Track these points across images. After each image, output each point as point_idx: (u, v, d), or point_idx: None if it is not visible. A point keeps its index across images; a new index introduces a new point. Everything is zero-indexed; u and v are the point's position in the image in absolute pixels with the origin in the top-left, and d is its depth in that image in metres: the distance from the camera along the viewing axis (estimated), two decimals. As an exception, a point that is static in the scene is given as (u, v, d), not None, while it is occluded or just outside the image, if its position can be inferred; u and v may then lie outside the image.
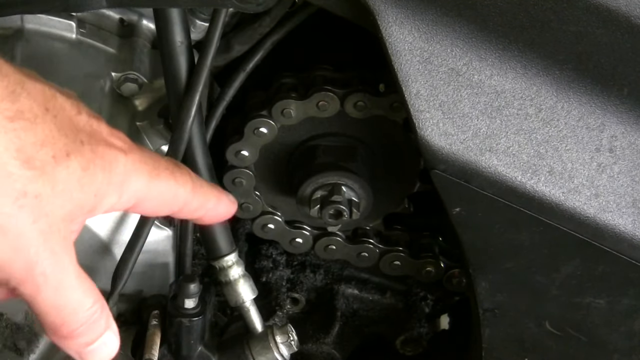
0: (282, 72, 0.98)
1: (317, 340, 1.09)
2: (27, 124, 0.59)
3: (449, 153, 0.77)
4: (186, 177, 0.72)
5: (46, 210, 0.61)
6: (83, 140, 0.64)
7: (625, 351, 0.89)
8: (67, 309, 0.64)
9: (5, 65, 0.60)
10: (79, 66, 0.93)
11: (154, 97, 0.96)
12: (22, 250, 0.60)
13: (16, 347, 0.84)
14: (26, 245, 0.60)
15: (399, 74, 0.75)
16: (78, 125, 0.64)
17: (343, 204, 0.92)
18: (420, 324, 1.08)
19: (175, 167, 0.72)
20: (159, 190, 0.70)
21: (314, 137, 0.97)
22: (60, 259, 0.63)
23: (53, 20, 0.92)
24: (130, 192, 0.67)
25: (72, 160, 0.62)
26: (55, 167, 0.61)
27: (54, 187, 0.61)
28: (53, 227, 0.62)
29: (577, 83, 0.76)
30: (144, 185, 0.68)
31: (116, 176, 0.65)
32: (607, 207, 0.78)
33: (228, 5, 0.78)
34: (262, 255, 1.08)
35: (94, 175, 0.63)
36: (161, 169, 0.70)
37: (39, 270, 0.61)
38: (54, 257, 0.62)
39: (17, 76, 0.60)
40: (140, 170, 0.67)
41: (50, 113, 0.62)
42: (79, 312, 0.65)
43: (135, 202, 0.68)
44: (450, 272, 1.02)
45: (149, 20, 0.95)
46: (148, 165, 0.68)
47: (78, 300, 0.65)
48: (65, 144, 0.62)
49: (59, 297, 0.63)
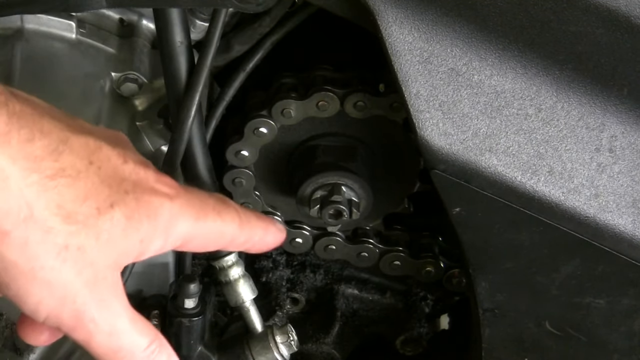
0: (282, 72, 0.98)
1: (317, 340, 1.09)
2: (68, 180, 0.61)
3: (448, 153, 0.77)
4: (233, 215, 0.74)
5: (90, 261, 0.63)
6: (127, 190, 0.66)
7: (625, 351, 0.89)
8: (123, 351, 0.67)
9: (48, 123, 0.62)
10: (78, 66, 0.93)
11: (153, 97, 0.96)
12: (69, 300, 0.63)
13: (16, 347, 0.84)
14: (72, 295, 0.63)
15: (399, 74, 0.75)
16: (123, 175, 0.66)
17: (343, 204, 0.92)
18: (420, 324, 1.08)
19: (223, 206, 0.74)
20: (206, 230, 0.72)
21: (314, 137, 0.97)
22: (109, 305, 0.65)
23: (53, 20, 0.92)
24: (177, 235, 0.69)
25: (116, 210, 0.64)
26: (99, 219, 0.63)
27: (98, 238, 0.63)
28: (99, 276, 0.64)
29: (577, 83, 0.76)
30: (190, 227, 0.70)
31: (162, 222, 0.67)
32: (607, 207, 0.78)
33: (228, 5, 0.78)
34: (262, 255, 1.08)
35: (139, 223, 0.66)
36: (208, 209, 0.72)
37: (88, 318, 0.64)
38: (102, 304, 0.65)
39: (60, 134, 0.62)
40: (187, 214, 0.70)
41: (94, 165, 0.64)
42: (136, 353, 0.68)
43: (181, 243, 0.71)
44: (450, 272, 1.02)
45: (149, 20, 0.95)
46: (194, 207, 0.70)
47: (133, 342, 0.67)
48: (109, 195, 0.64)
49: (113, 341, 0.66)
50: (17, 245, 0.60)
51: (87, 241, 0.62)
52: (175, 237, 0.69)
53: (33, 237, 0.60)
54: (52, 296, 0.62)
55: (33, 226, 0.60)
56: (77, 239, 0.62)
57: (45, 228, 0.60)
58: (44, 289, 0.62)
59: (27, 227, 0.60)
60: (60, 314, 0.63)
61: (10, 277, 0.61)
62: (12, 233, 0.59)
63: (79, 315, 0.64)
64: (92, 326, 0.65)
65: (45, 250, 0.61)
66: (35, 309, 0.63)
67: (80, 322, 0.64)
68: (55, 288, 0.62)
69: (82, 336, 0.65)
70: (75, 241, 0.62)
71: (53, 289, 0.62)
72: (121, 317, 0.66)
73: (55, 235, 0.61)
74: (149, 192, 0.67)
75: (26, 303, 0.63)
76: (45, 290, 0.62)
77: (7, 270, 0.61)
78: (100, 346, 0.66)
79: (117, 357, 0.67)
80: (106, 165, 0.65)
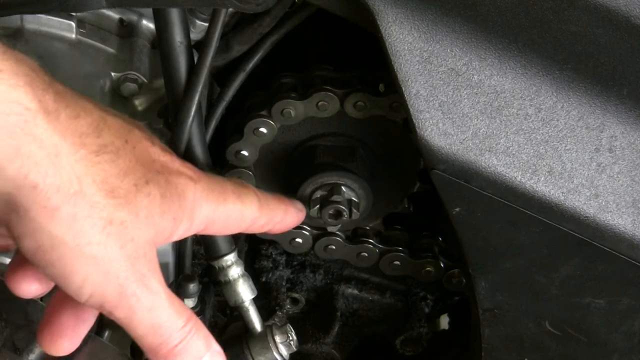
0: (282, 72, 0.98)
1: (317, 340, 1.09)
2: (110, 156, 0.63)
3: (448, 153, 0.77)
4: (252, 197, 0.77)
5: (132, 236, 0.64)
6: (158, 170, 0.68)
7: (625, 351, 0.89)
8: (162, 328, 0.68)
9: (88, 103, 0.64)
10: (78, 66, 0.93)
11: (153, 97, 0.96)
12: (113, 275, 0.64)
13: (15, 347, 0.84)
14: (116, 270, 0.64)
15: (399, 74, 0.75)
16: (153, 156, 0.69)
17: (343, 204, 0.92)
18: (420, 324, 1.08)
19: (242, 189, 0.76)
20: (227, 213, 0.74)
21: (314, 137, 0.97)
22: (149, 281, 0.66)
23: (53, 20, 0.92)
24: (201, 217, 0.72)
25: (152, 187, 0.66)
26: (137, 195, 0.65)
27: (138, 213, 0.64)
28: (139, 252, 0.65)
29: (577, 83, 0.76)
30: (212, 210, 0.72)
31: (188, 203, 0.70)
32: (607, 207, 0.78)
33: (228, 5, 0.78)
34: (261, 255, 1.08)
35: (171, 201, 0.68)
36: (228, 193, 0.74)
37: (130, 292, 0.65)
38: (143, 279, 0.66)
39: (99, 113, 0.64)
40: (209, 197, 0.72)
41: (129, 145, 0.66)
42: (174, 331, 0.68)
43: (205, 226, 0.73)
44: (450, 272, 1.02)
45: (148, 20, 0.95)
46: (215, 191, 0.73)
47: (172, 319, 0.68)
48: (144, 173, 0.66)
49: (153, 317, 0.67)
50: (65, 221, 0.60)
51: (128, 216, 0.64)
52: (200, 220, 0.71)
53: (81, 212, 0.61)
54: (97, 272, 0.63)
55: (81, 201, 0.61)
56: (120, 214, 0.63)
57: (91, 203, 0.61)
58: (89, 265, 0.62)
59: (76, 202, 0.60)
60: (104, 291, 0.64)
61: (56, 255, 0.61)
62: (61, 208, 0.60)
63: (122, 291, 0.64)
64: (134, 301, 0.65)
65: (92, 225, 0.61)
66: (80, 287, 0.63)
67: (123, 298, 0.65)
68: (101, 263, 0.63)
69: (124, 313, 0.66)
70: (118, 215, 0.63)
71: (98, 265, 0.63)
72: (160, 294, 0.67)
73: (100, 209, 0.62)
74: (176, 174, 0.70)
75: (71, 281, 0.63)
76: (90, 267, 0.62)
77: (53, 248, 0.61)
78: (141, 323, 0.67)
79: (157, 334, 0.67)
80: (139, 145, 0.67)
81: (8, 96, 0.56)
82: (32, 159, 0.58)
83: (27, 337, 0.90)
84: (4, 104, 0.56)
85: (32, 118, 0.58)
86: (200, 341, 0.70)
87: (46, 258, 0.61)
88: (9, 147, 0.57)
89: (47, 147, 0.59)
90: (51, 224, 0.60)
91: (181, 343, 0.69)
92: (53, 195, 0.59)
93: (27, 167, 0.58)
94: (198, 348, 0.70)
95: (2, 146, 0.57)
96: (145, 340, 0.68)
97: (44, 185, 0.59)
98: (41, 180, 0.59)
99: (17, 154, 0.57)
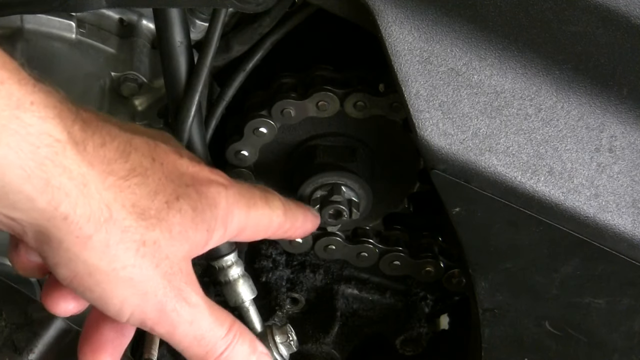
0: (282, 72, 0.98)
1: (317, 340, 1.09)
2: (139, 179, 0.64)
3: (448, 153, 0.77)
4: (277, 203, 0.78)
5: (166, 253, 0.65)
6: (188, 183, 0.69)
7: (625, 351, 0.89)
8: (206, 338, 0.69)
9: (114, 127, 0.64)
10: (78, 66, 0.93)
11: (153, 97, 0.96)
12: (151, 294, 0.65)
13: (15, 346, 0.84)
14: (153, 289, 0.65)
15: (399, 74, 0.75)
16: (181, 169, 0.70)
17: (343, 204, 0.92)
18: (420, 324, 1.08)
19: (268, 195, 0.78)
20: (257, 218, 0.75)
21: (314, 137, 0.97)
22: (188, 295, 0.67)
23: (53, 20, 0.93)
24: (234, 224, 0.73)
25: (183, 203, 0.67)
26: (169, 212, 0.66)
27: (170, 231, 0.65)
28: (174, 268, 0.66)
29: (577, 83, 0.76)
30: (244, 216, 0.74)
31: (220, 211, 0.71)
32: (607, 207, 0.78)
33: (228, 5, 0.78)
34: (262, 255, 1.08)
35: (203, 213, 0.68)
36: (256, 198, 0.76)
37: (170, 308, 0.66)
38: (181, 294, 0.67)
39: (125, 136, 0.65)
40: (240, 203, 0.73)
41: (157, 162, 0.67)
42: (218, 339, 0.70)
43: (237, 232, 0.74)
44: (450, 272, 1.02)
45: (148, 20, 0.95)
46: (245, 197, 0.74)
47: (214, 329, 0.70)
48: (174, 189, 0.67)
49: (196, 329, 0.68)
50: (99, 249, 0.61)
51: (161, 235, 0.65)
52: (233, 227, 0.72)
53: (113, 238, 0.62)
54: (135, 293, 0.64)
55: (112, 227, 0.62)
56: (152, 234, 0.64)
57: (122, 228, 0.62)
58: (127, 287, 0.63)
59: (108, 229, 0.61)
60: (144, 310, 0.65)
61: (94, 281, 0.63)
62: (94, 237, 0.61)
63: (161, 308, 0.66)
64: (175, 316, 0.66)
65: (125, 249, 0.62)
66: (119, 309, 0.65)
67: (164, 315, 0.66)
68: (138, 284, 0.64)
69: (166, 328, 0.67)
70: (150, 236, 0.64)
71: (136, 286, 0.64)
72: (199, 306, 0.68)
73: (132, 233, 0.63)
74: (207, 183, 0.70)
75: (110, 304, 0.64)
76: (128, 289, 0.64)
77: (90, 275, 0.62)
78: (184, 336, 0.68)
79: (200, 345, 0.69)
80: (167, 161, 0.68)
81: (39, 129, 0.57)
82: (63, 191, 0.59)
83: (27, 337, 0.90)
84: (35, 137, 0.56)
85: (62, 150, 0.58)
86: (245, 345, 0.72)
87: (84, 284, 0.63)
88: (40, 179, 0.57)
89: (76, 178, 0.59)
90: (85, 253, 0.61)
91: (226, 350, 0.70)
92: (84, 224, 0.60)
93: (58, 199, 0.59)
94: (244, 352, 0.72)
95: (33, 178, 0.57)
96: (190, 352, 0.69)
97: (75, 215, 0.60)
98: (72, 211, 0.59)
99: (47, 185, 0.58)
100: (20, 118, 0.55)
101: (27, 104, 0.56)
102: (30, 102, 0.56)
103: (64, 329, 0.84)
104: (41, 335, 0.89)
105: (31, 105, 0.56)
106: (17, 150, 0.55)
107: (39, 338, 0.91)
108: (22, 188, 0.57)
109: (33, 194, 0.58)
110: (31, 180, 0.57)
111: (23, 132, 0.56)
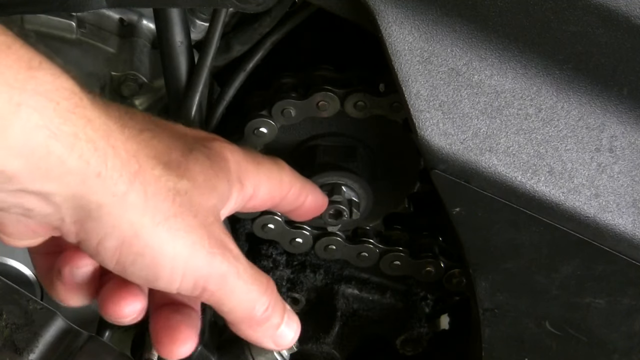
0: (282, 72, 0.98)
1: (317, 340, 1.09)
2: (151, 134, 0.63)
3: (449, 153, 0.77)
4: (283, 162, 0.77)
5: (199, 202, 0.62)
6: (195, 139, 0.68)
7: (625, 351, 0.89)
8: (253, 292, 0.65)
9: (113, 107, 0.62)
10: (79, 66, 0.93)
11: (154, 97, 0.96)
12: (198, 244, 0.61)
13: (15, 347, 0.84)
14: (200, 238, 0.61)
15: (399, 74, 0.75)
16: (185, 131, 0.69)
17: (343, 204, 0.92)
18: (420, 324, 1.08)
19: (272, 156, 0.77)
20: (268, 174, 0.73)
21: (314, 137, 0.97)
22: (231, 246, 0.64)
23: (53, 20, 0.93)
24: (248, 179, 0.71)
25: (197, 154, 0.66)
26: (188, 163, 0.64)
27: (196, 179, 0.63)
28: (210, 218, 0.63)
29: (577, 83, 0.76)
30: (254, 171, 0.72)
31: (232, 164, 0.69)
32: (607, 207, 0.78)
33: (228, 5, 0.78)
34: (262, 255, 1.08)
35: (218, 164, 0.67)
36: (261, 157, 0.75)
37: (219, 260, 0.62)
38: (225, 245, 0.63)
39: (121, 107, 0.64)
40: (247, 158, 0.72)
41: (160, 126, 0.66)
42: (262, 294, 0.65)
43: (253, 190, 0.71)
44: (450, 272, 1.02)
45: (149, 20, 0.95)
46: (250, 154, 0.73)
47: (257, 282, 0.65)
48: (184, 144, 0.66)
49: (243, 283, 0.64)
50: (138, 204, 0.58)
51: (189, 184, 0.62)
52: (248, 183, 0.70)
53: (149, 190, 0.59)
54: (184, 246, 0.60)
55: (144, 179, 0.59)
56: (182, 183, 0.62)
57: (154, 177, 0.59)
58: (175, 240, 0.60)
59: (141, 180, 0.58)
60: (196, 265, 0.61)
61: (142, 244, 0.59)
62: (129, 192, 0.57)
63: (211, 260, 0.61)
64: (225, 268, 0.62)
65: (163, 199, 0.59)
66: (171, 271, 0.60)
67: (214, 268, 0.62)
68: (185, 237, 0.60)
69: (217, 284, 0.62)
70: (182, 185, 0.61)
71: (183, 238, 0.60)
72: (240, 257, 0.64)
73: (165, 181, 0.60)
74: (210, 140, 0.70)
75: (161, 267, 0.60)
76: (177, 242, 0.60)
77: (137, 237, 0.58)
78: (234, 291, 0.63)
79: (250, 299, 0.65)
80: (167, 125, 0.68)
81: (55, 84, 0.54)
82: (91, 144, 0.55)
83: (27, 337, 0.90)
84: (53, 92, 0.54)
85: (80, 101, 0.56)
86: (280, 302, 0.68)
87: (133, 250, 0.59)
88: (67, 135, 0.54)
89: (100, 128, 0.56)
90: (126, 212, 0.57)
91: (270, 306, 0.66)
92: (118, 179, 0.57)
93: (88, 154, 0.55)
94: (280, 309, 0.68)
95: (60, 136, 0.54)
96: (240, 308, 0.65)
97: (107, 170, 0.56)
98: (103, 166, 0.56)
99: (75, 139, 0.55)
100: (36, 77, 0.53)
101: (37, 63, 0.54)
102: (39, 61, 0.54)
103: (65, 329, 0.84)
104: (41, 335, 0.89)
105: (40, 64, 0.54)
106: (40, 110, 0.53)
107: (39, 338, 0.91)
108: (51, 149, 0.54)
109: (63, 154, 0.54)
110: (58, 138, 0.54)
111: (42, 90, 0.53)
